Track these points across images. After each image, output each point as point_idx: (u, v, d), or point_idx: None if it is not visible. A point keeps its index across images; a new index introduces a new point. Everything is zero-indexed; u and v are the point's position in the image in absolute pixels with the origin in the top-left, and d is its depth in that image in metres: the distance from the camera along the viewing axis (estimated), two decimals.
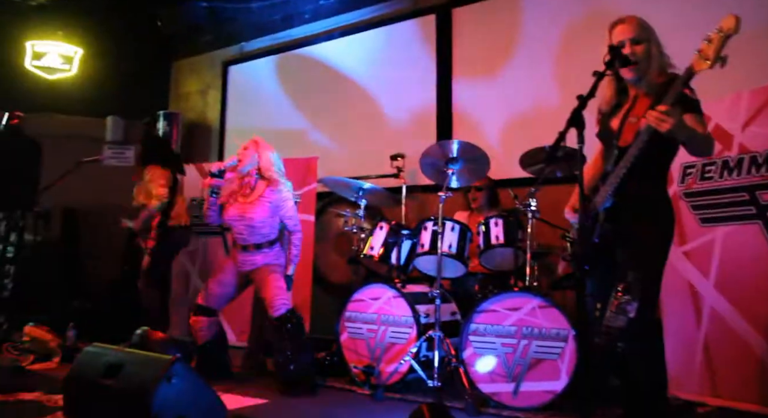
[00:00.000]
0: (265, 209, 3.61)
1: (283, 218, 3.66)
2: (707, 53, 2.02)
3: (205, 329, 3.69)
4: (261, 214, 3.60)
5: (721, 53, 2.00)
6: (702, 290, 3.26)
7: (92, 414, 2.58)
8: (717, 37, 2.00)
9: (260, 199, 3.62)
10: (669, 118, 2.01)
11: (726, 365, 3.11)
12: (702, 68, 2.04)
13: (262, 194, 3.63)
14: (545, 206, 3.54)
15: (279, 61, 6.37)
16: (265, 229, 3.63)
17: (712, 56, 2.00)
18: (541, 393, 3.03)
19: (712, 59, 2.00)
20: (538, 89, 4.61)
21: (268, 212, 3.61)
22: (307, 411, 3.02)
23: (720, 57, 2.00)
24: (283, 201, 3.64)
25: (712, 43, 2.01)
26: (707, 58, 2.01)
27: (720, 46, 2.00)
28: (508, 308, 3.21)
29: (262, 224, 3.61)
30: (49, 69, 6.59)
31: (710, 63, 2.01)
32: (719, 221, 3.25)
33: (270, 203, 3.61)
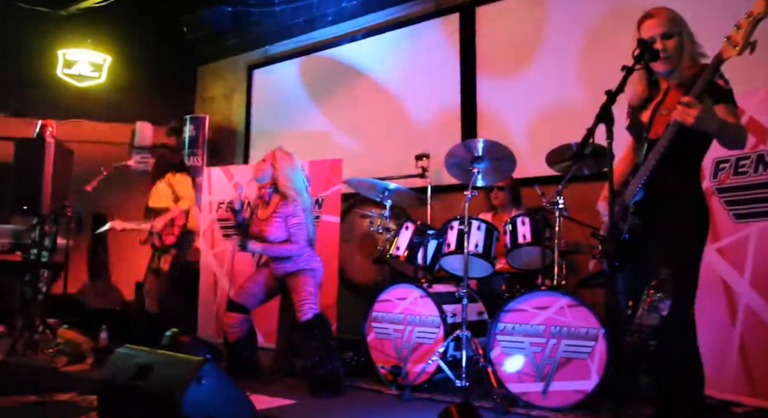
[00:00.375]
0: (279, 225, 3.62)
1: (288, 228, 3.63)
2: (736, 39, 1.96)
3: (236, 325, 3.73)
4: (275, 231, 3.62)
5: (751, 39, 1.94)
6: (736, 288, 3.19)
7: (125, 414, 2.62)
8: (746, 23, 1.95)
9: (273, 215, 3.64)
10: (692, 110, 1.96)
11: (763, 364, 3.03)
12: (730, 55, 1.98)
13: (275, 210, 3.65)
14: (573, 204, 3.49)
15: (303, 63, 6.41)
16: (283, 239, 3.65)
17: (741, 42, 1.94)
18: (571, 393, 2.99)
19: (741, 45, 1.94)
20: (562, 86, 4.55)
21: (282, 228, 3.63)
22: (335, 411, 3.02)
23: (749, 43, 1.94)
24: (288, 216, 3.62)
25: (741, 28, 1.95)
26: (736, 45, 1.95)
27: (749, 31, 1.94)
28: (536, 307, 3.18)
29: (278, 239, 3.63)
30: (80, 77, 6.74)
31: (739, 49, 1.95)
32: (754, 216, 3.17)
33: (281, 218, 3.63)
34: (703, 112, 1.97)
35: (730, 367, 3.13)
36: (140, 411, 2.52)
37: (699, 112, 1.96)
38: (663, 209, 2.18)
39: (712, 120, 2.03)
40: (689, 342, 2.15)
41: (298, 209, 3.65)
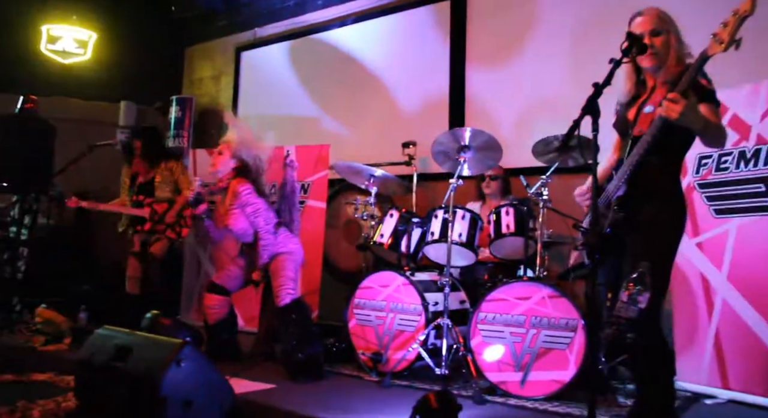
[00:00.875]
0: (237, 217, 3.57)
1: (248, 217, 3.56)
2: (722, 36, 2.00)
3: (216, 307, 3.73)
4: (236, 224, 3.58)
5: (736, 36, 1.98)
6: (714, 282, 3.23)
7: (102, 395, 2.61)
8: (732, 20, 1.99)
9: (230, 208, 3.58)
10: (677, 105, 1.99)
11: (736, 358, 3.08)
12: (716, 51, 2.02)
13: (231, 202, 3.58)
14: (557, 196, 3.51)
15: (292, 47, 6.35)
16: (250, 230, 3.62)
17: (727, 39, 1.98)
18: (549, 383, 3.02)
19: (727, 42, 1.98)
20: (551, 78, 4.55)
21: (242, 219, 3.57)
22: (315, 396, 3.03)
23: (735, 40, 1.98)
24: (243, 206, 3.54)
25: (728, 26, 2.00)
26: (722, 42, 2.00)
27: (735, 28, 1.98)
28: (517, 297, 3.20)
29: (244, 230, 3.61)
30: (64, 53, 6.62)
31: (725, 46, 1.99)
32: (734, 212, 3.21)
33: (238, 209, 3.56)
34: (688, 107, 2.00)
35: (705, 360, 3.18)
36: (118, 392, 2.51)
37: (683, 108, 1.99)
38: (643, 203, 2.22)
39: (697, 116, 2.06)
40: (658, 336, 2.19)
41: (251, 196, 3.56)
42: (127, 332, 2.77)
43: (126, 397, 2.48)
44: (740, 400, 3.01)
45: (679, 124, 2.04)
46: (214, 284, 3.77)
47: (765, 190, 3.10)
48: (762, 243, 3.07)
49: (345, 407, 2.83)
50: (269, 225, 3.61)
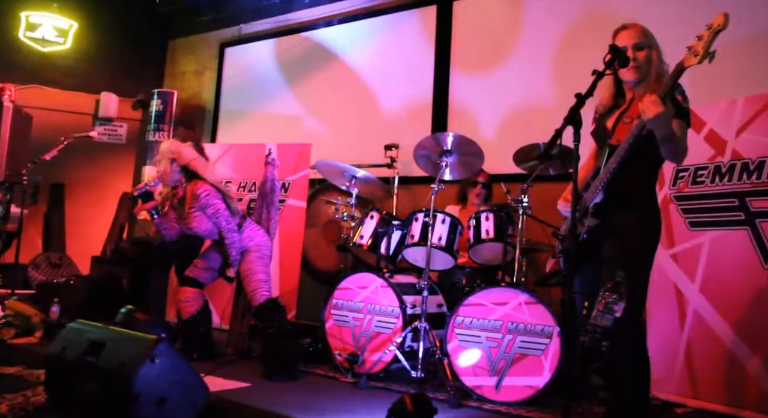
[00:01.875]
0: (199, 218, 3.56)
1: (211, 219, 3.56)
2: (697, 49, 2.08)
3: (190, 300, 3.74)
4: (200, 225, 3.59)
5: (711, 49, 2.06)
6: (687, 294, 3.29)
7: (73, 391, 2.57)
8: (706, 34, 2.07)
9: (191, 211, 3.56)
10: (656, 107, 2.05)
11: (706, 368, 3.14)
12: (691, 63, 2.10)
13: (191, 204, 3.54)
14: (537, 203, 3.55)
15: (276, 44, 6.32)
16: (215, 229, 3.62)
17: (701, 52, 2.06)
18: (523, 388, 3.05)
19: (702, 55, 2.06)
20: (535, 86, 4.60)
21: (204, 220, 3.57)
22: (290, 396, 3.02)
23: (708, 52, 2.06)
24: (203, 207, 3.51)
25: (702, 39, 2.08)
26: (696, 54, 2.08)
27: (709, 41, 2.06)
28: (494, 303, 3.22)
29: (209, 231, 3.64)
30: (43, 41, 6.51)
31: (699, 58, 2.07)
32: (708, 225, 3.28)
33: (199, 211, 3.54)
34: (663, 113, 2.07)
35: (676, 369, 3.23)
36: (90, 388, 2.47)
37: (659, 112, 2.06)
38: (619, 210, 2.26)
39: (667, 125, 2.13)
40: (639, 344, 2.22)
41: (210, 197, 3.51)
42: (100, 326, 2.73)
43: (98, 393, 2.45)
44: (709, 409, 3.07)
45: (648, 125, 2.11)
46: (187, 277, 3.78)
47: (738, 204, 3.17)
48: (734, 257, 3.14)
49: (320, 408, 2.82)
50: (231, 224, 3.58)
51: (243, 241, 3.65)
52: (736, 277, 3.11)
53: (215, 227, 3.59)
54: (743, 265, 3.08)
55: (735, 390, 3.01)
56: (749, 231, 3.10)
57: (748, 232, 3.11)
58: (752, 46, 3.66)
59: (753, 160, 3.16)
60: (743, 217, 3.14)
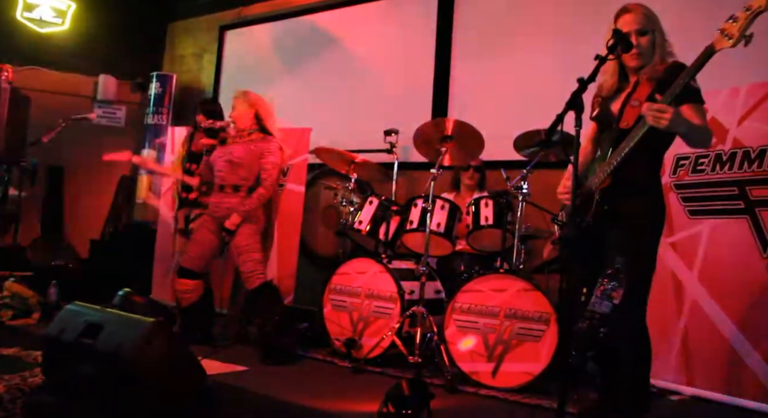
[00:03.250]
0: (249, 150, 3.62)
1: (261, 167, 3.61)
2: (731, 32, 1.98)
3: (189, 292, 3.69)
4: (242, 152, 3.61)
5: (747, 32, 1.96)
6: (685, 282, 3.29)
7: (70, 372, 2.57)
8: (744, 15, 1.97)
9: (248, 143, 3.66)
10: (666, 114, 2.01)
11: (703, 356, 3.15)
12: (724, 46, 2.00)
13: (252, 139, 3.67)
14: (536, 190, 3.53)
15: (276, 28, 6.26)
16: (244, 171, 3.63)
17: (737, 35, 1.96)
18: (520, 374, 3.06)
19: (736, 37, 1.96)
20: (536, 72, 4.57)
21: (252, 155, 3.61)
22: (287, 380, 3.03)
23: (744, 35, 1.96)
24: (268, 152, 3.61)
25: (738, 21, 1.97)
26: (731, 37, 1.97)
27: (747, 23, 1.96)
28: (492, 289, 3.22)
29: (241, 160, 3.61)
30: (41, 22, 6.44)
31: (733, 41, 1.97)
32: (708, 214, 3.27)
33: (256, 147, 3.62)
34: (675, 115, 2.03)
35: (672, 357, 3.24)
36: (87, 369, 2.47)
37: (672, 115, 2.01)
38: (626, 197, 2.23)
39: (682, 122, 2.09)
40: (640, 331, 2.21)
41: (278, 151, 3.64)
42: (98, 308, 2.72)
43: (95, 375, 2.45)
44: (704, 397, 3.08)
45: (667, 130, 2.07)
46: (182, 268, 3.70)
47: (738, 193, 3.16)
48: (732, 246, 3.13)
49: (318, 392, 2.83)
50: (274, 183, 3.64)
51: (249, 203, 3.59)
52: (734, 265, 3.11)
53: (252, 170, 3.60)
54: (742, 253, 3.08)
55: (732, 378, 3.02)
56: (749, 220, 3.09)
57: (747, 220, 3.10)
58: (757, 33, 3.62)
59: (754, 148, 3.14)
60: (743, 205, 3.13)
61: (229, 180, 3.64)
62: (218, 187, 3.69)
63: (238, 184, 3.63)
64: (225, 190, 3.65)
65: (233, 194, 3.62)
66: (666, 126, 2.03)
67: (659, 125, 2.03)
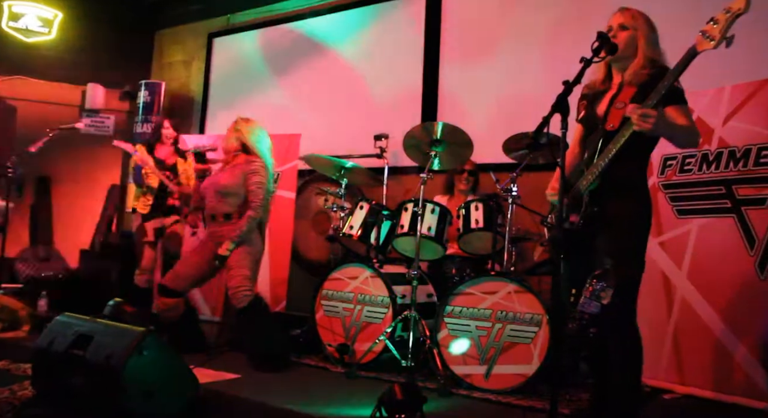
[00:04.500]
0: (236, 175, 3.60)
1: (246, 187, 3.58)
2: (712, 33, 2.00)
3: (171, 310, 3.63)
4: (230, 179, 3.59)
5: (728, 33, 1.98)
6: (674, 281, 3.31)
7: (61, 384, 2.55)
8: (724, 17, 1.99)
9: (233, 168, 3.65)
10: (650, 119, 2.03)
11: (693, 354, 3.17)
12: (706, 48, 2.02)
13: (237, 164, 3.65)
14: (525, 192, 3.55)
15: (265, 35, 6.27)
16: (233, 198, 3.59)
17: (717, 36, 1.99)
18: (512, 376, 3.06)
19: (717, 39, 1.99)
20: (525, 75, 4.59)
21: (238, 179, 3.58)
22: (280, 387, 3.02)
23: (725, 37, 1.99)
24: (252, 172, 3.58)
25: (719, 23, 2.00)
26: (712, 39, 1.99)
27: (727, 25, 1.98)
28: (484, 292, 3.23)
29: (227, 190, 3.57)
30: (27, 31, 6.41)
31: (715, 43, 1.99)
32: (695, 213, 3.29)
33: (241, 172, 3.60)
34: (659, 118, 2.05)
35: (663, 356, 3.26)
36: (77, 381, 2.45)
37: (656, 120, 2.03)
38: (613, 198, 2.25)
39: (666, 125, 2.12)
40: (630, 331, 2.23)
41: (262, 169, 3.61)
42: (88, 319, 2.71)
43: (86, 386, 2.43)
44: (697, 395, 3.10)
45: (653, 134, 2.10)
46: (165, 287, 3.61)
47: (725, 192, 3.19)
48: (720, 244, 3.16)
49: (311, 398, 2.82)
50: (262, 202, 3.55)
51: (249, 233, 3.54)
52: (722, 264, 3.13)
53: (240, 195, 3.58)
54: (730, 252, 3.11)
55: (722, 376, 3.04)
56: (735, 218, 3.12)
57: (734, 219, 3.13)
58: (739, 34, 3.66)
59: (739, 148, 3.17)
60: (729, 204, 3.16)
61: (219, 209, 3.61)
62: (210, 217, 3.67)
63: (229, 212, 3.59)
64: (217, 220, 3.62)
65: (226, 223, 3.59)
66: (650, 130, 2.05)
67: (644, 129, 2.05)
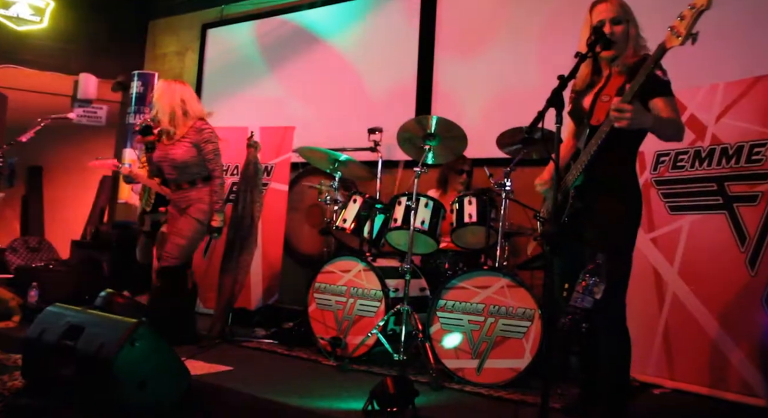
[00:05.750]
0: (187, 148, 3.64)
1: (204, 160, 3.68)
2: (679, 30, 2.01)
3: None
4: (184, 154, 3.64)
5: (693, 30, 2.00)
6: (666, 277, 3.33)
7: (51, 375, 2.54)
8: (689, 14, 2.00)
9: (182, 140, 3.66)
10: (626, 114, 2.01)
11: (684, 350, 3.20)
12: (674, 45, 2.03)
13: (185, 134, 3.67)
14: (519, 187, 3.55)
15: (259, 26, 6.23)
16: (194, 168, 3.69)
17: (683, 32, 2.00)
18: (504, 370, 3.08)
19: (684, 35, 2.00)
20: (519, 70, 4.59)
21: (193, 151, 3.65)
22: (272, 380, 3.02)
23: (691, 33, 2.00)
24: (205, 142, 3.65)
25: (685, 19, 2.01)
26: (679, 35, 2.01)
27: (692, 22, 1.99)
28: (476, 286, 3.24)
29: (185, 164, 3.66)
30: (18, 19, 6.35)
31: (682, 39, 2.00)
32: (687, 209, 3.31)
33: (191, 143, 3.65)
34: (635, 112, 2.03)
35: (653, 351, 3.28)
36: (68, 372, 2.45)
37: (632, 114, 2.02)
38: (600, 192, 2.25)
39: (646, 118, 2.10)
40: (622, 324, 2.24)
41: (213, 135, 3.68)
42: (79, 310, 2.70)
43: (77, 377, 2.42)
44: (685, 390, 3.12)
45: (632, 128, 2.08)
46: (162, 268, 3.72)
47: (717, 189, 3.20)
48: (712, 240, 3.18)
49: (303, 391, 2.82)
50: (222, 170, 3.75)
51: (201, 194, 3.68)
52: (714, 260, 3.15)
53: (199, 164, 3.65)
54: (721, 248, 3.13)
55: (712, 371, 3.06)
56: (727, 215, 3.14)
57: (725, 216, 3.15)
58: (733, 31, 3.67)
59: (731, 145, 3.19)
60: (721, 201, 3.18)
61: (182, 179, 3.73)
62: (175, 186, 3.78)
63: (192, 179, 3.72)
64: (182, 187, 3.74)
65: (191, 188, 3.72)
66: (627, 125, 2.03)
67: (623, 125, 2.04)
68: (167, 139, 3.72)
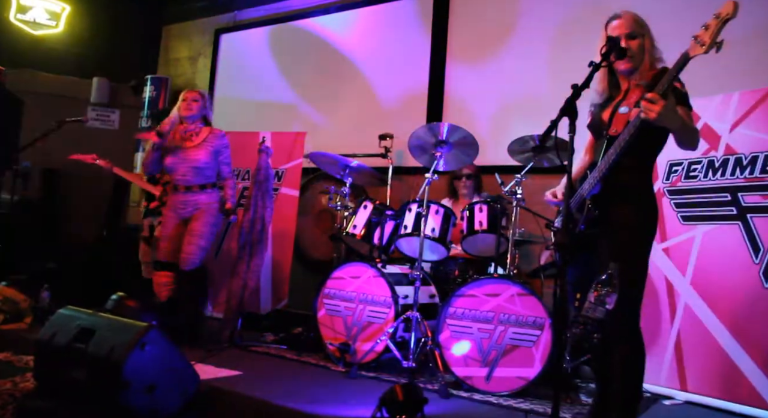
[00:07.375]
0: (209, 152, 3.91)
1: (220, 163, 3.97)
2: (703, 39, 2.01)
3: (169, 284, 3.84)
4: (205, 157, 3.89)
5: (718, 38, 1.99)
6: (678, 287, 3.31)
7: (62, 377, 2.56)
8: (714, 23, 2.00)
9: (204, 144, 3.92)
10: (656, 106, 2.00)
11: (696, 360, 3.16)
12: (697, 53, 2.03)
13: (206, 139, 3.93)
14: (530, 195, 3.54)
15: (272, 32, 6.27)
16: (209, 171, 3.93)
17: (708, 41, 1.99)
18: (513, 379, 3.06)
19: (708, 44, 1.99)
20: (531, 77, 4.59)
21: (211, 156, 3.92)
22: (281, 385, 3.02)
23: (716, 42, 1.99)
24: (224, 147, 3.97)
25: (709, 28, 2.00)
26: (703, 44, 2.00)
27: (717, 31, 1.99)
28: (487, 294, 3.23)
29: (206, 165, 3.91)
30: (35, 24, 6.42)
31: (706, 48, 2.00)
32: (700, 219, 3.29)
33: (212, 148, 3.91)
34: (666, 108, 2.02)
35: (665, 362, 3.26)
36: (79, 374, 2.46)
37: (662, 108, 2.01)
38: (617, 202, 2.24)
39: (675, 116, 2.09)
40: (633, 336, 2.22)
41: (227, 142, 3.99)
42: (90, 313, 2.71)
43: (87, 379, 2.43)
44: (697, 401, 3.09)
45: (657, 124, 2.06)
46: (159, 261, 3.92)
47: (730, 199, 3.18)
48: (724, 251, 3.15)
49: (311, 397, 2.82)
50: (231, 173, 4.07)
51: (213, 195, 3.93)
52: (727, 271, 3.12)
53: (214, 168, 3.94)
54: (734, 259, 3.10)
55: (725, 383, 3.03)
56: (740, 226, 3.12)
57: (739, 226, 3.12)
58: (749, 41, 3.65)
59: (746, 155, 3.16)
60: (735, 211, 3.15)
61: (195, 182, 3.90)
62: (183, 188, 3.90)
63: (204, 183, 3.91)
64: (193, 190, 3.90)
65: (200, 192, 3.90)
66: (655, 117, 2.01)
67: (649, 117, 2.02)
68: (188, 143, 3.90)
